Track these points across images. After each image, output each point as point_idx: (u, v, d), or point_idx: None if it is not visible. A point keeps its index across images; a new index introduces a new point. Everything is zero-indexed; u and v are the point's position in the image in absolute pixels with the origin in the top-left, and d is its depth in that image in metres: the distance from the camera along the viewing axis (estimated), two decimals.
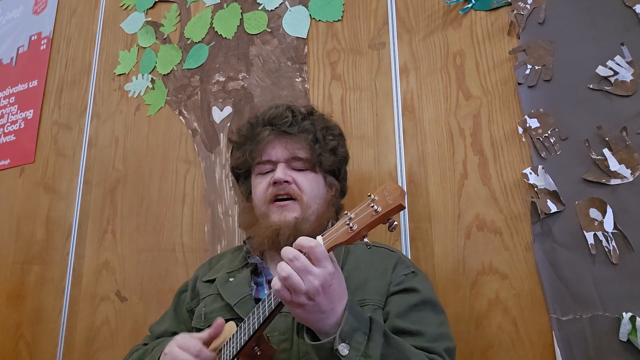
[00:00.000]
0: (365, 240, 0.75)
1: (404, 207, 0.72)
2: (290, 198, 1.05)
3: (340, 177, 1.15)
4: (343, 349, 0.74)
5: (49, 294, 1.82)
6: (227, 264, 1.14)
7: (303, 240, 0.76)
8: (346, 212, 0.77)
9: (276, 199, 1.05)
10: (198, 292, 1.13)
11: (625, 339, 0.99)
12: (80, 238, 1.81)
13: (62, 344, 1.73)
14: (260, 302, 0.85)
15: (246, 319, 0.87)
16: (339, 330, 0.75)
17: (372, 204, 0.74)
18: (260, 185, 1.08)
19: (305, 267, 0.74)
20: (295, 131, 1.07)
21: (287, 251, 0.75)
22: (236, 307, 0.99)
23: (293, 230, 1.01)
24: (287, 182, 1.04)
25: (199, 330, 1.02)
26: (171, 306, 1.19)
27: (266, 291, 1.05)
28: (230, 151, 1.20)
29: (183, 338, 0.92)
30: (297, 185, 1.05)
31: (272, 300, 0.82)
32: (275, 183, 1.04)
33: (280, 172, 1.05)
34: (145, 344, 1.15)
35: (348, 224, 0.75)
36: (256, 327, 0.83)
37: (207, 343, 0.91)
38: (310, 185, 1.06)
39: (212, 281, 1.11)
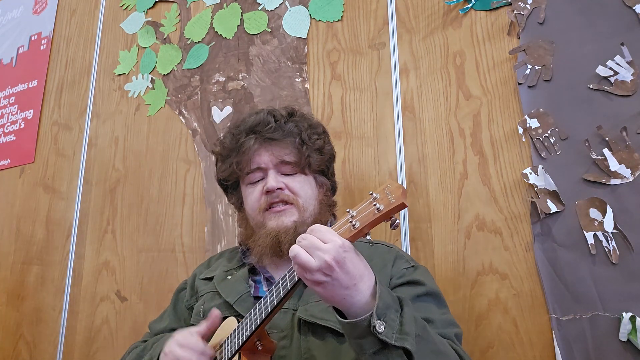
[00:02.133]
0: (368, 237, 0.75)
1: (406, 206, 0.71)
2: (286, 203, 1.03)
3: (329, 174, 1.14)
4: (380, 326, 0.71)
5: (49, 294, 1.82)
6: (224, 263, 1.14)
7: (309, 227, 0.77)
8: (348, 210, 0.77)
9: (271, 206, 1.03)
10: (197, 290, 1.13)
11: (625, 339, 0.99)
12: (80, 238, 1.81)
13: (62, 344, 1.73)
14: (262, 298, 0.85)
15: (248, 315, 0.87)
16: (375, 307, 0.72)
17: (374, 202, 0.74)
18: (253, 195, 1.06)
19: (312, 243, 0.73)
20: (280, 136, 1.05)
21: (299, 237, 0.76)
22: (235, 304, 0.99)
23: (293, 235, 0.99)
24: (279, 189, 1.03)
25: None
26: (170, 304, 1.19)
27: (264, 288, 1.04)
28: (215, 163, 1.17)
29: (183, 336, 0.91)
30: (290, 189, 1.04)
31: (274, 294, 0.82)
32: (268, 192, 1.03)
33: (272, 180, 1.03)
34: (145, 341, 1.14)
35: (350, 222, 0.75)
36: (258, 323, 0.83)
37: (205, 336, 0.91)
38: (303, 188, 1.05)
39: (210, 279, 1.11)
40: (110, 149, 1.87)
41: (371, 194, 0.75)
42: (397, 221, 0.73)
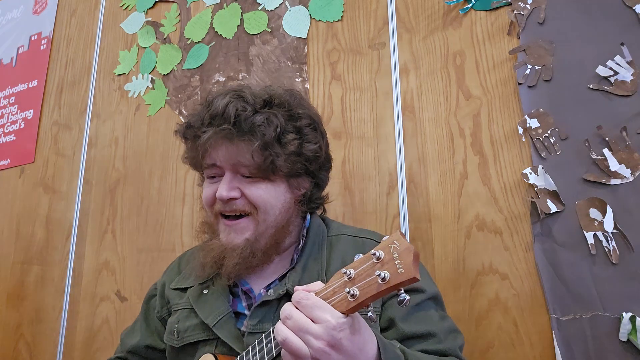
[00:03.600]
0: (370, 314, 0.62)
1: (419, 280, 0.58)
2: (241, 216, 0.90)
3: (315, 170, 0.95)
4: None
5: (49, 294, 1.82)
6: (198, 270, 0.97)
7: (297, 294, 0.65)
8: (344, 270, 0.63)
9: (224, 215, 0.91)
10: (168, 300, 1.01)
11: (625, 339, 0.99)
12: (80, 238, 1.81)
13: (62, 344, 1.73)
14: (251, 348, 0.76)
15: None
16: None
17: (377, 269, 0.60)
18: (207, 193, 0.93)
19: (300, 326, 0.62)
20: (239, 133, 0.86)
21: (282, 309, 0.65)
22: (216, 328, 0.89)
23: (242, 258, 0.88)
24: (233, 198, 0.88)
25: (171, 347, 0.95)
26: (140, 314, 1.08)
27: (244, 304, 0.93)
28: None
29: None
30: (247, 198, 0.89)
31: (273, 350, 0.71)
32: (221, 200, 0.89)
33: (224, 189, 0.87)
34: (118, 358, 1.07)
35: (347, 291, 0.61)
36: None
37: None
38: (262, 198, 0.88)
39: (184, 290, 0.99)
40: (110, 149, 1.87)
41: (374, 254, 0.61)
42: (407, 299, 0.60)
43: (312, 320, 0.63)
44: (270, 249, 0.92)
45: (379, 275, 0.59)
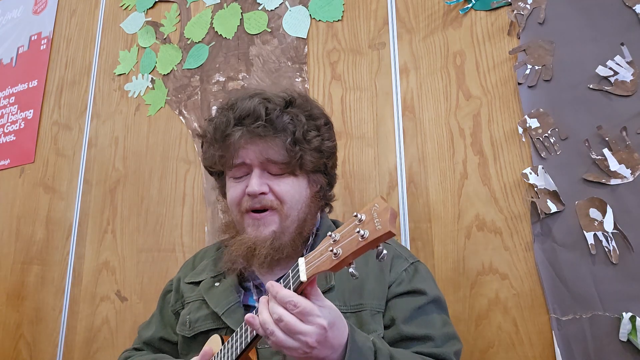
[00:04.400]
0: (351, 269, 0.67)
1: (394, 235, 0.64)
2: (268, 210, 0.94)
3: (328, 169, 1.03)
4: None
5: (49, 294, 1.82)
6: (210, 266, 1.06)
7: (282, 294, 0.69)
8: (330, 233, 0.69)
9: (252, 210, 0.95)
10: (182, 294, 1.06)
11: (625, 339, 0.99)
12: (80, 238, 1.81)
13: (62, 344, 1.73)
14: (243, 324, 0.80)
15: (230, 339, 0.82)
16: None
17: (358, 228, 0.65)
18: (234, 192, 0.97)
19: (291, 328, 0.67)
20: (271, 132, 0.92)
21: (272, 308, 0.69)
22: (224, 316, 0.93)
23: (270, 246, 0.93)
24: (262, 193, 0.93)
25: (183, 337, 0.99)
26: (157, 308, 1.13)
27: (255, 297, 0.98)
28: (201, 145, 1.07)
29: None
30: (275, 194, 0.94)
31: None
32: (249, 195, 0.93)
33: (255, 184, 0.92)
34: (136, 349, 1.11)
35: (332, 250, 0.67)
36: (238, 353, 0.78)
37: None
38: (289, 192, 0.94)
39: (197, 284, 1.04)
40: (110, 149, 1.87)
41: (356, 216, 0.66)
42: (384, 253, 0.66)
43: (302, 322, 0.68)
44: (297, 241, 0.97)
45: (359, 232, 0.65)
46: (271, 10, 1.67)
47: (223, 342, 0.87)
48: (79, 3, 2.19)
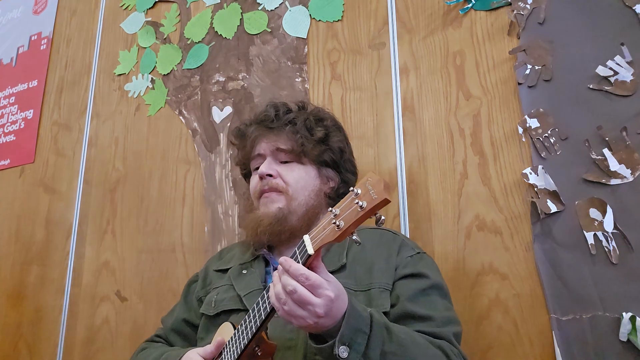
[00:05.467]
0: (354, 237, 0.74)
1: (390, 201, 0.69)
2: (275, 191, 1.07)
3: (342, 168, 1.14)
4: (343, 352, 0.75)
5: (49, 294, 1.82)
6: (238, 255, 1.16)
7: (294, 268, 0.74)
8: (330, 209, 0.75)
9: (263, 193, 1.08)
10: (210, 282, 1.15)
11: (625, 339, 0.99)
12: (80, 238, 1.81)
13: (62, 344, 1.73)
14: (256, 303, 0.85)
15: (243, 321, 0.87)
16: (338, 335, 0.75)
17: (356, 200, 0.71)
18: (253, 181, 1.13)
19: (304, 299, 0.73)
20: (277, 125, 1.10)
21: (285, 281, 0.74)
22: (245, 298, 1.01)
23: (275, 220, 1.03)
24: (270, 175, 1.07)
25: (208, 317, 1.06)
26: (181, 296, 1.22)
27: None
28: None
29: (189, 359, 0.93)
30: (282, 177, 1.07)
31: (267, 303, 0.81)
32: (261, 178, 1.08)
33: (264, 166, 1.08)
34: (157, 335, 1.19)
35: (334, 222, 0.73)
36: (254, 331, 0.83)
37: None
38: (295, 177, 1.07)
39: (225, 271, 1.13)
40: (110, 149, 1.87)
41: (352, 190, 0.73)
42: (382, 218, 0.72)
43: (314, 295, 0.73)
44: (302, 226, 1.05)
45: (358, 203, 0.70)
46: (271, 10, 1.67)
47: (235, 328, 0.91)
48: (79, 3, 2.19)
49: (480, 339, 1.14)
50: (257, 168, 1.11)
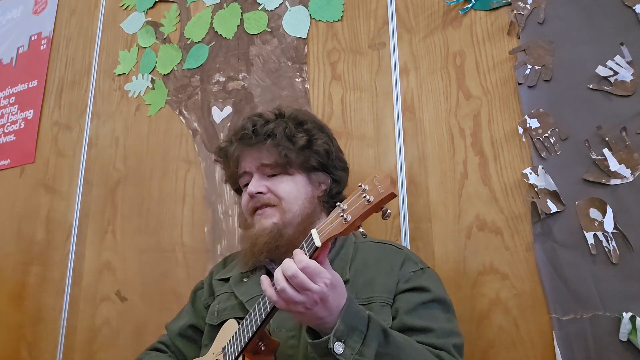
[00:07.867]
0: (361, 230, 0.76)
1: (396, 195, 0.72)
2: (268, 206, 1.06)
3: (331, 169, 1.12)
4: (338, 348, 0.76)
5: (49, 294, 1.82)
6: (240, 264, 1.15)
7: (297, 257, 0.77)
8: (338, 203, 0.77)
9: (256, 210, 1.07)
10: (213, 290, 1.16)
11: (625, 339, 0.99)
12: (81, 238, 1.81)
13: (62, 344, 1.73)
14: (260, 298, 0.86)
15: (247, 316, 0.88)
16: (333, 330, 0.76)
17: (363, 194, 0.74)
18: (244, 199, 1.11)
19: (303, 284, 0.75)
20: (256, 140, 1.06)
21: (286, 266, 0.76)
22: (248, 304, 1.01)
23: (271, 237, 1.02)
24: (260, 192, 1.05)
25: (211, 326, 1.06)
26: (188, 303, 1.22)
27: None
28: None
29: None
30: (273, 192, 1.05)
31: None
32: (251, 197, 1.06)
33: (252, 186, 1.06)
34: (161, 342, 1.18)
35: (342, 216, 0.75)
36: (258, 324, 0.84)
37: None
38: (286, 190, 1.05)
39: (226, 280, 1.13)
40: (111, 149, 1.87)
41: (360, 186, 0.75)
42: (389, 211, 0.73)
43: (313, 281, 0.75)
44: (300, 236, 1.02)
45: (365, 197, 0.73)
46: (271, 10, 1.67)
47: (239, 324, 0.92)
48: (78, 3, 2.19)
49: (480, 338, 1.14)
50: (247, 184, 1.09)
